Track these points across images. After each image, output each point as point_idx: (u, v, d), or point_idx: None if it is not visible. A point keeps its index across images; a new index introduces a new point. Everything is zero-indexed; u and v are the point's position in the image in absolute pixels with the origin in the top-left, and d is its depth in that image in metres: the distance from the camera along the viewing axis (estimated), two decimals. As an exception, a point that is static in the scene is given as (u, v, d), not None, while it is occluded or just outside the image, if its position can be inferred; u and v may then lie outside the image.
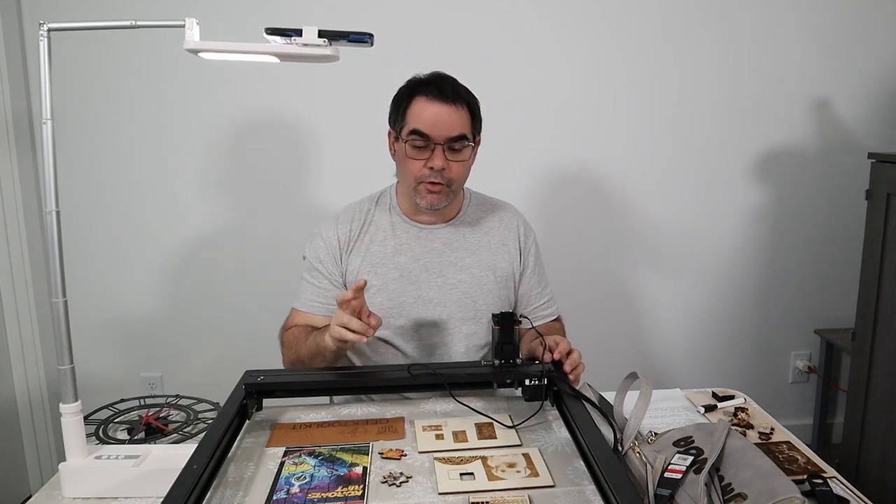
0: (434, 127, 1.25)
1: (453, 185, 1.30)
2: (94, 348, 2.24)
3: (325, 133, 2.20)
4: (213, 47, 0.95)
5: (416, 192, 1.31)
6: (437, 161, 1.26)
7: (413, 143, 1.27)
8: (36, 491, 0.99)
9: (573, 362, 1.17)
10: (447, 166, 1.27)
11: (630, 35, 2.23)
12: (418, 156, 1.27)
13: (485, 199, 1.48)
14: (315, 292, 1.36)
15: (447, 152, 1.27)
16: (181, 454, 0.90)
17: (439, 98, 1.25)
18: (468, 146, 1.30)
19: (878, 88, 2.34)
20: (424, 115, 1.26)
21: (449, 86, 1.28)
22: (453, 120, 1.26)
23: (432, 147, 1.26)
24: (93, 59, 2.08)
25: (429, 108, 1.25)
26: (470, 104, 1.30)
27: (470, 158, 1.33)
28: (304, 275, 1.39)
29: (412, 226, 1.38)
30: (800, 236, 2.44)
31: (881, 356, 1.90)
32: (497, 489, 0.93)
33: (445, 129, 1.25)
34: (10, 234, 2.07)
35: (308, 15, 2.08)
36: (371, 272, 1.34)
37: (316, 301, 1.36)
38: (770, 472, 0.84)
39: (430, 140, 1.26)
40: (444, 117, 1.25)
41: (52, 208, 0.92)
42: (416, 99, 1.27)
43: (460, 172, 1.31)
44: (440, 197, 1.30)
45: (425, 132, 1.25)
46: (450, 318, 1.36)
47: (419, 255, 1.36)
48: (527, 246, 1.45)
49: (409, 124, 1.27)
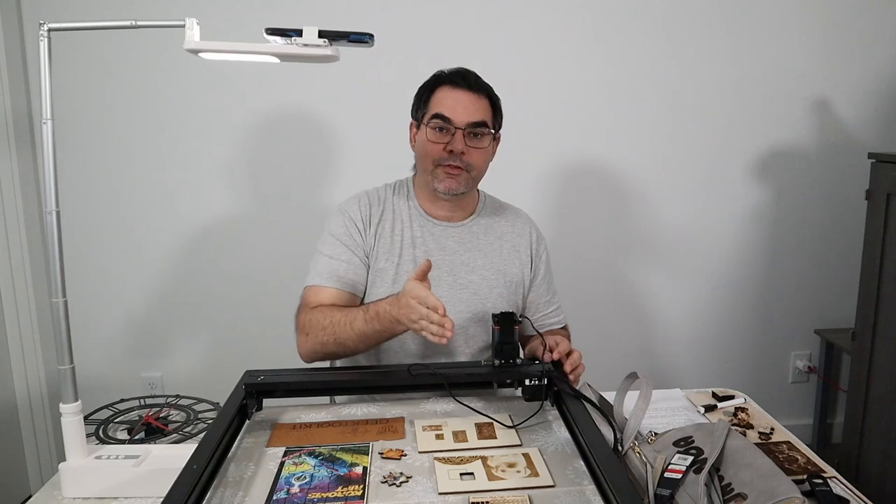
0: (455, 111, 1.28)
1: (472, 172, 1.32)
2: (94, 348, 2.24)
3: (325, 133, 2.20)
4: (213, 47, 0.95)
5: (433, 177, 1.32)
6: (458, 144, 1.28)
7: (435, 126, 1.29)
8: (36, 491, 0.99)
9: (573, 363, 1.18)
10: (467, 151, 1.29)
11: (630, 36, 2.23)
12: (439, 139, 1.29)
13: (499, 203, 1.49)
14: (338, 266, 1.31)
15: (467, 138, 1.29)
16: (181, 454, 0.90)
17: (462, 85, 1.30)
18: (488, 134, 1.32)
19: (878, 88, 2.34)
20: (447, 101, 1.29)
21: (472, 76, 1.33)
22: (476, 106, 1.29)
23: (453, 131, 1.28)
24: (93, 59, 2.08)
25: (452, 94, 1.30)
26: (491, 97, 1.34)
27: (489, 147, 1.35)
28: (323, 250, 1.34)
29: (427, 220, 1.38)
30: (800, 236, 2.44)
31: (881, 356, 1.90)
32: (497, 489, 0.93)
33: (467, 114, 1.28)
34: (10, 234, 2.07)
35: (308, 15, 2.08)
36: (388, 260, 1.34)
37: (343, 276, 1.31)
38: (770, 472, 0.84)
39: (451, 123, 1.28)
40: (465, 102, 1.29)
41: (52, 208, 0.92)
42: (440, 88, 1.32)
43: (479, 160, 1.33)
44: (458, 181, 1.31)
45: (447, 115, 1.28)
46: (457, 317, 1.35)
47: (432, 250, 1.36)
48: (538, 254, 1.45)
49: (432, 110, 1.30)
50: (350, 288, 1.32)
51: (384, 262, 1.34)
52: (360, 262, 1.33)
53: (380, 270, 1.34)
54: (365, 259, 1.34)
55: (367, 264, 1.35)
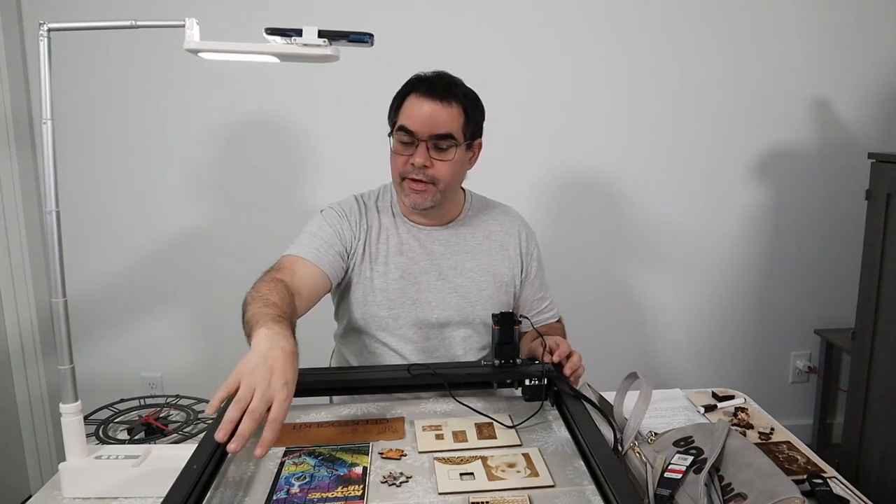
0: (419, 123, 1.23)
1: (440, 185, 1.27)
2: (94, 348, 2.24)
3: (325, 133, 2.21)
4: (213, 47, 0.94)
5: (401, 190, 1.30)
6: (419, 158, 1.24)
7: (400, 139, 1.26)
8: (36, 491, 0.99)
9: (573, 366, 1.17)
10: (430, 164, 1.25)
11: (630, 36, 2.23)
12: (403, 151, 1.26)
13: (486, 201, 1.46)
14: (315, 242, 1.28)
15: (431, 150, 1.25)
16: (181, 454, 0.90)
17: (429, 95, 1.24)
18: (455, 146, 1.27)
19: (878, 88, 2.34)
20: (412, 111, 1.25)
21: (443, 84, 1.26)
22: (440, 117, 1.24)
23: (417, 143, 1.25)
24: (93, 59, 2.08)
25: (417, 103, 1.24)
26: (465, 105, 1.27)
27: (457, 159, 1.27)
28: (309, 229, 1.32)
29: (412, 226, 1.37)
30: (800, 236, 2.44)
31: (881, 356, 1.90)
32: (497, 489, 0.93)
33: (430, 126, 1.24)
34: (10, 234, 2.07)
35: (308, 15, 2.08)
36: (373, 269, 1.33)
37: (317, 249, 1.27)
38: (770, 472, 0.84)
39: (414, 136, 1.24)
40: (430, 114, 1.23)
41: (52, 208, 0.92)
42: (410, 96, 1.27)
43: (445, 172, 1.27)
44: (424, 196, 1.27)
45: (410, 128, 1.24)
46: (448, 321, 1.35)
47: (419, 256, 1.35)
48: (529, 251, 1.43)
49: (399, 121, 1.27)
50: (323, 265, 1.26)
51: (369, 271, 1.33)
52: (338, 249, 1.29)
53: (365, 278, 1.33)
54: (345, 255, 1.31)
55: (346, 264, 1.32)
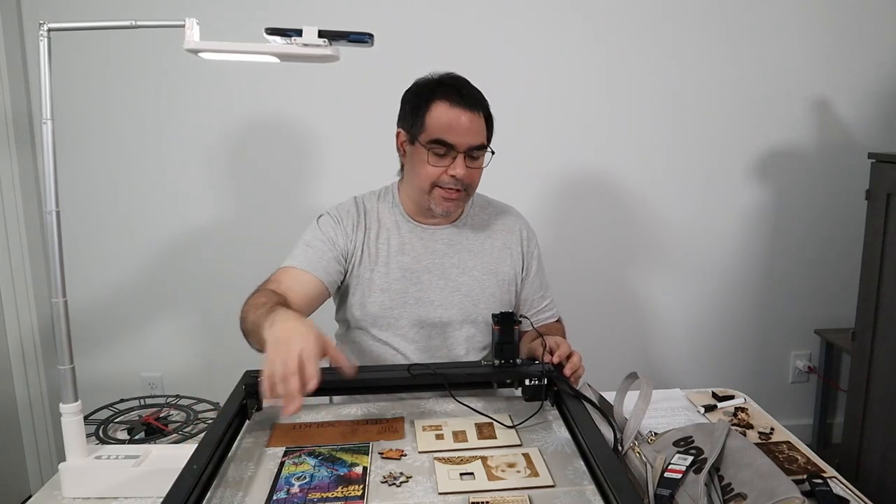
0: (459, 136, 1.23)
1: (470, 191, 1.31)
2: (94, 348, 2.24)
3: (325, 133, 2.21)
4: (213, 47, 0.95)
5: (430, 198, 1.29)
6: (460, 170, 1.24)
7: (435, 152, 1.25)
8: (36, 491, 0.99)
9: (573, 366, 1.17)
10: (467, 173, 1.26)
11: (630, 36, 2.23)
12: (439, 163, 1.25)
13: (488, 201, 1.47)
14: (308, 252, 1.29)
15: (466, 160, 1.26)
16: (181, 454, 0.90)
17: (461, 104, 1.23)
18: (486, 152, 1.29)
19: (878, 88, 2.34)
20: (448, 123, 1.23)
21: (468, 91, 1.26)
22: (476, 128, 1.25)
23: (454, 155, 1.25)
24: (93, 59, 2.08)
25: (451, 114, 1.23)
26: (486, 110, 1.29)
27: (484, 164, 1.31)
28: (303, 239, 1.32)
29: (416, 225, 1.37)
30: (800, 236, 2.44)
31: (881, 356, 1.90)
32: (497, 489, 0.93)
33: (468, 138, 1.24)
34: (10, 234, 2.07)
35: (308, 15, 2.08)
36: (374, 270, 1.34)
37: (311, 258, 1.27)
38: (770, 472, 0.84)
39: (453, 149, 1.24)
40: (468, 126, 1.24)
41: (52, 208, 0.92)
42: (437, 103, 1.24)
43: (476, 178, 1.31)
44: (457, 204, 1.31)
45: (449, 141, 1.23)
46: (451, 320, 1.36)
47: (421, 255, 1.35)
48: (530, 250, 1.44)
49: (431, 131, 1.24)
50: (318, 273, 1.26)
51: (370, 272, 1.33)
52: (332, 255, 1.29)
53: (364, 280, 1.33)
54: (341, 259, 1.31)
55: (344, 268, 1.33)
